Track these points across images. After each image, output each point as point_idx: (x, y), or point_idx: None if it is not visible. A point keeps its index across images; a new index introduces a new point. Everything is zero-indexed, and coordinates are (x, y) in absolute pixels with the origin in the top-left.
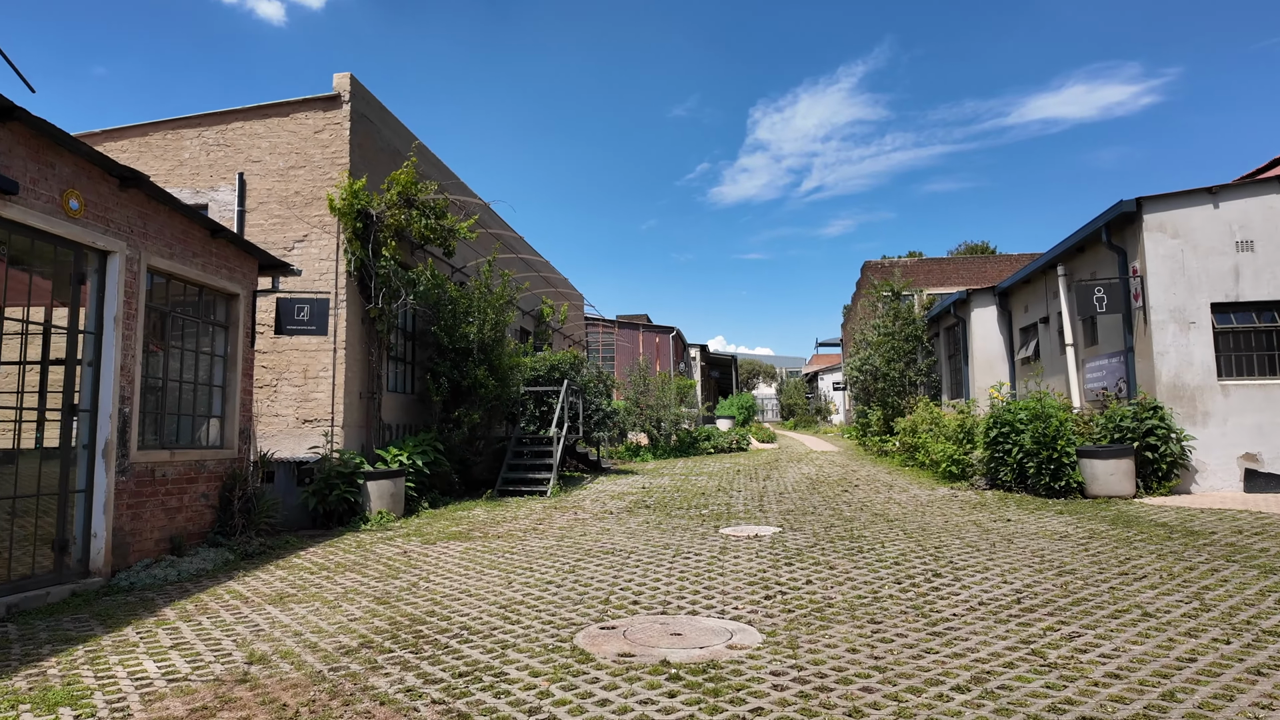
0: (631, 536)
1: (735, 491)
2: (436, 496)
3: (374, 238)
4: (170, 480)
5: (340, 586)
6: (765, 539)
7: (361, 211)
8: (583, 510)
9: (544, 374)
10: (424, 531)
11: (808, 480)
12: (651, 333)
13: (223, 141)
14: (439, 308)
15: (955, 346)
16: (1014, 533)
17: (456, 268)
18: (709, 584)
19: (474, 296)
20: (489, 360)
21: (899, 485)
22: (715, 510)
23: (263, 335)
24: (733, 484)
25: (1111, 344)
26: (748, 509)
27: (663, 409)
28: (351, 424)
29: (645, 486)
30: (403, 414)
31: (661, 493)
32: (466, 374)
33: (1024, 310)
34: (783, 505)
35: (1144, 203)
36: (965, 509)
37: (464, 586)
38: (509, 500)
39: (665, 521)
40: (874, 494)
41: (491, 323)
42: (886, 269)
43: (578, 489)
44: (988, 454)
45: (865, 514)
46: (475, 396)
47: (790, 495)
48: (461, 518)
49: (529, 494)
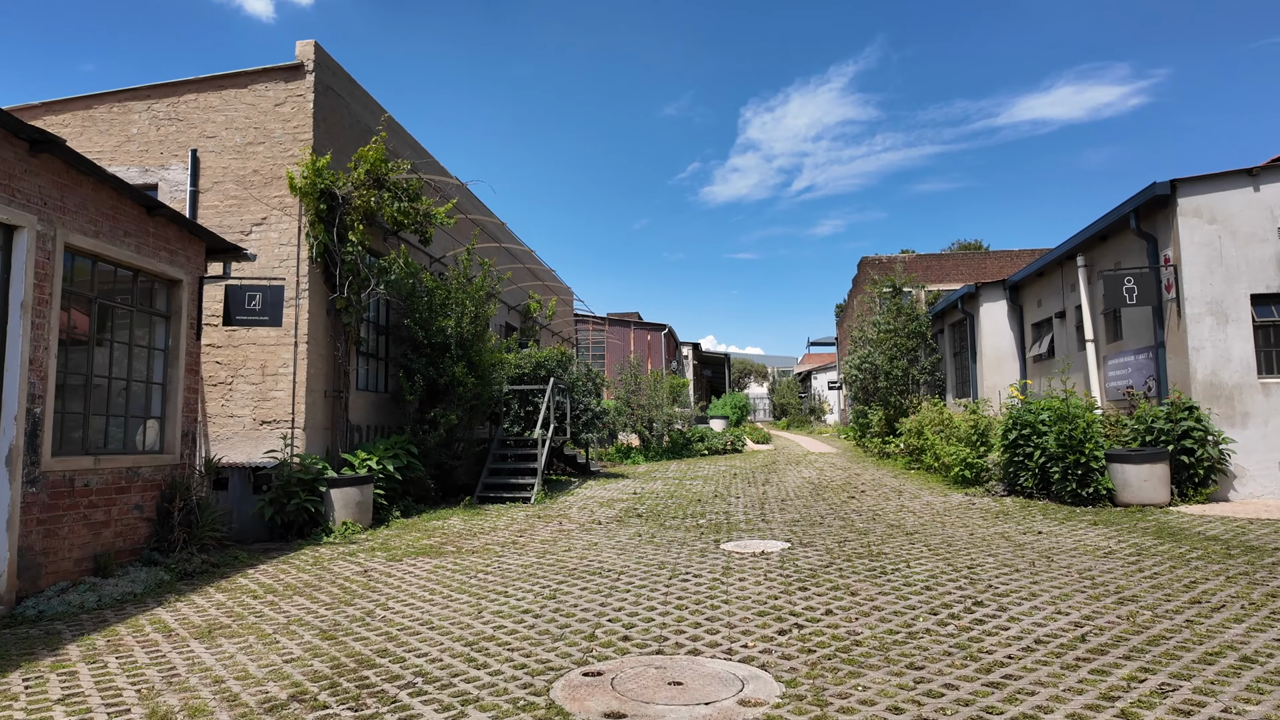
0: (622, 553)
1: (734, 498)
2: (410, 504)
3: (340, 221)
4: (95, 491)
5: (283, 615)
6: (773, 556)
7: (325, 192)
8: (569, 520)
9: (529, 372)
10: (391, 545)
11: (810, 485)
12: (643, 330)
13: (174, 115)
14: (413, 299)
15: (961, 343)
16: (1050, 548)
17: (435, 257)
18: (712, 614)
19: (452, 287)
20: (468, 356)
21: (908, 491)
22: (714, 520)
23: (214, 328)
24: (730, 489)
25: (1139, 339)
26: (749, 518)
27: (655, 409)
28: (314, 425)
29: (637, 492)
30: (374, 414)
31: (654, 499)
32: (443, 371)
33: (1037, 305)
34: (786, 514)
35: (1178, 185)
36: (988, 519)
37: (426, 616)
38: (489, 508)
39: (659, 534)
40: (884, 501)
41: (471, 316)
42: (885, 265)
43: (564, 495)
44: (1006, 457)
45: (879, 525)
46: (453, 395)
47: (793, 502)
48: (435, 529)
49: (511, 501)
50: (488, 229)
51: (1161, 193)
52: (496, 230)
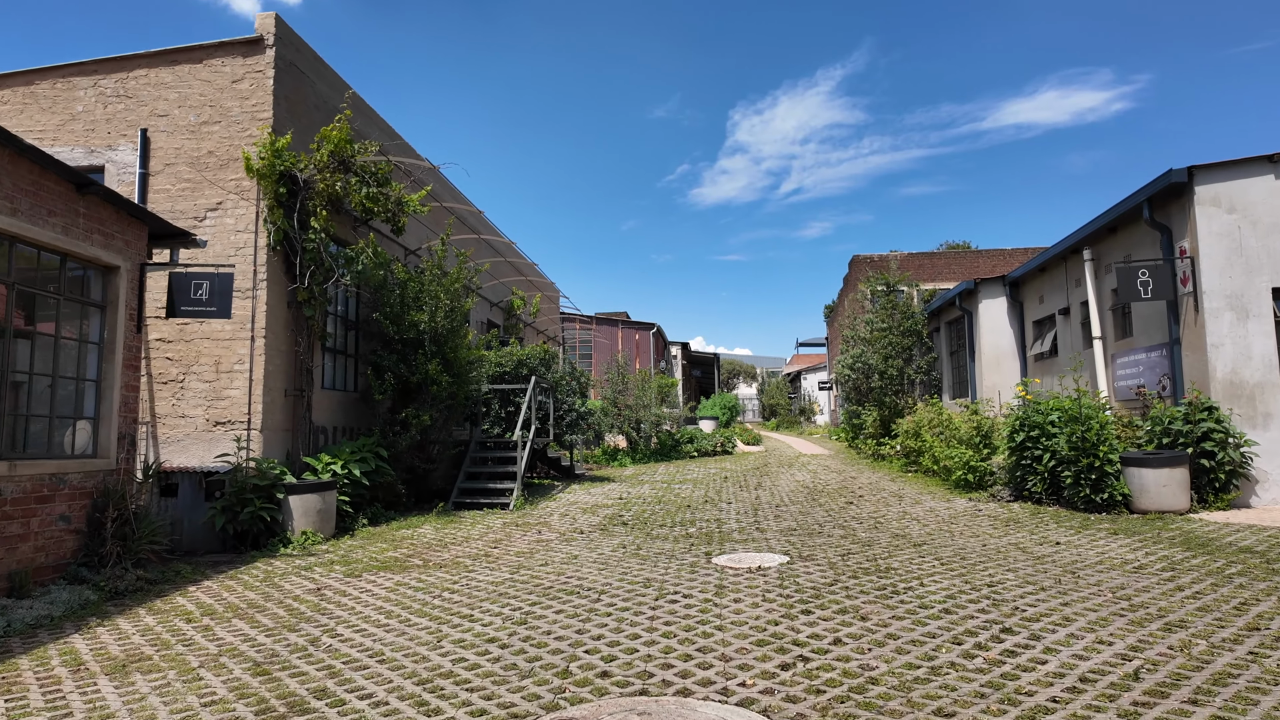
0: (604, 567)
1: (725, 503)
2: (378, 511)
3: (301, 206)
4: (9, 500)
5: (216, 644)
6: (771, 572)
7: (285, 174)
8: (549, 528)
9: (510, 370)
10: (353, 558)
11: (805, 489)
12: (631, 329)
13: (123, 92)
14: (383, 292)
15: (959, 341)
16: (1073, 562)
17: (410, 249)
18: (704, 643)
19: (425, 280)
20: (443, 353)
21: (909, 495)
22: (705, 529)
23: (165, 321)
24: (721, 494)
25: (1150, 335)
26: (742, 527)
27: (642, 409)
28: (273, 427)
29: (623, 497)
30: (342, 415)
31: (641, 505)
32: (416, 369)
33: (1039, 301)
34: (782, 522)
35: (1196, 172)
36: (998, 527)
37: (378, 646)
38: (464, 515)
39: (646, 545)
40: (884, 507)
41: (445, 310)
42: (877, 263)
43: (546, 500)
44: (1012, 461)
45: (883, 534)
46: (426, 395)
47: (788, 508)
48: (403, 539)
49: (489, 507)
50: (465, 218)
51: (1178, 180)
52: (475, 220)
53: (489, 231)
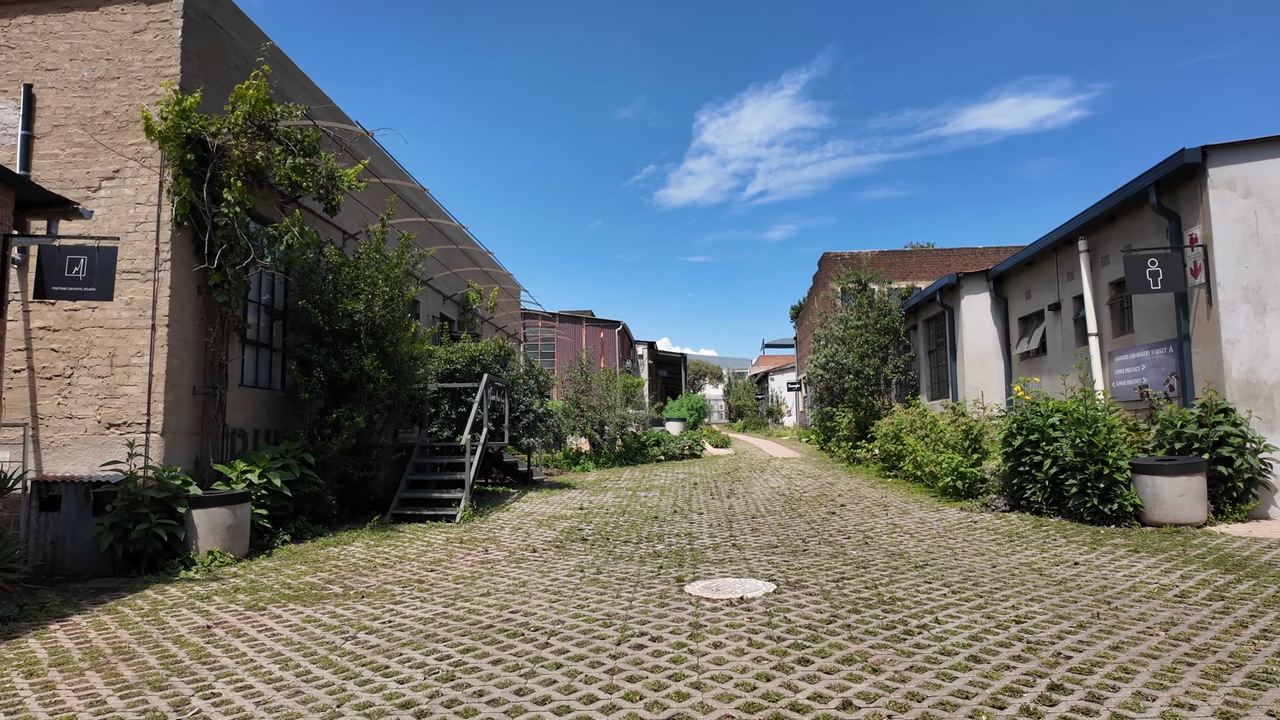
0: (557, 597)
1: (696, 514)
2: (304, 526)
3: (213, 176)
4: None
5: (50, 711)
6: (755, 605)
7: (194, 139)
8: (497, 545)
9: (462, 368)
10: (262, 585)
11: (781, 497)
12: (596, 327)
13: (4, 42)
14: (312, 277)
15: (938, 340)
16: (1102, 588)
17: (349, 233)
18: (678, 709)
19: (361, 264)
20: (381, 347)
21: (894, 505)
22: (675, 546)
23: (50, 306)
24: (691, 503)
25: (1155, 331)
26: (717, 544)
27: (607, 410)
28: (178, 429)
29: (583, 507)
30: (266, 417)
31: (604, 516)
32: (349, 364)
33: (1025, 297)
34: (761, 536)
35: (1210, 152)
36: (1002, 543)
37: (256, 715)
38: (404, 529)
39: (607, 567)
40: (870, 518)
41: (384, 298)
42: (848, 261)
43: (497, 511)
44: (1008, 467)
45: (877, 553)
46: (361, 393)
47: (766, 520)
48: (328, 559)
49: (432, 520)
50: (409, 198)
51: (1191, 160)
52: (423, 203)
53: (437, 214)
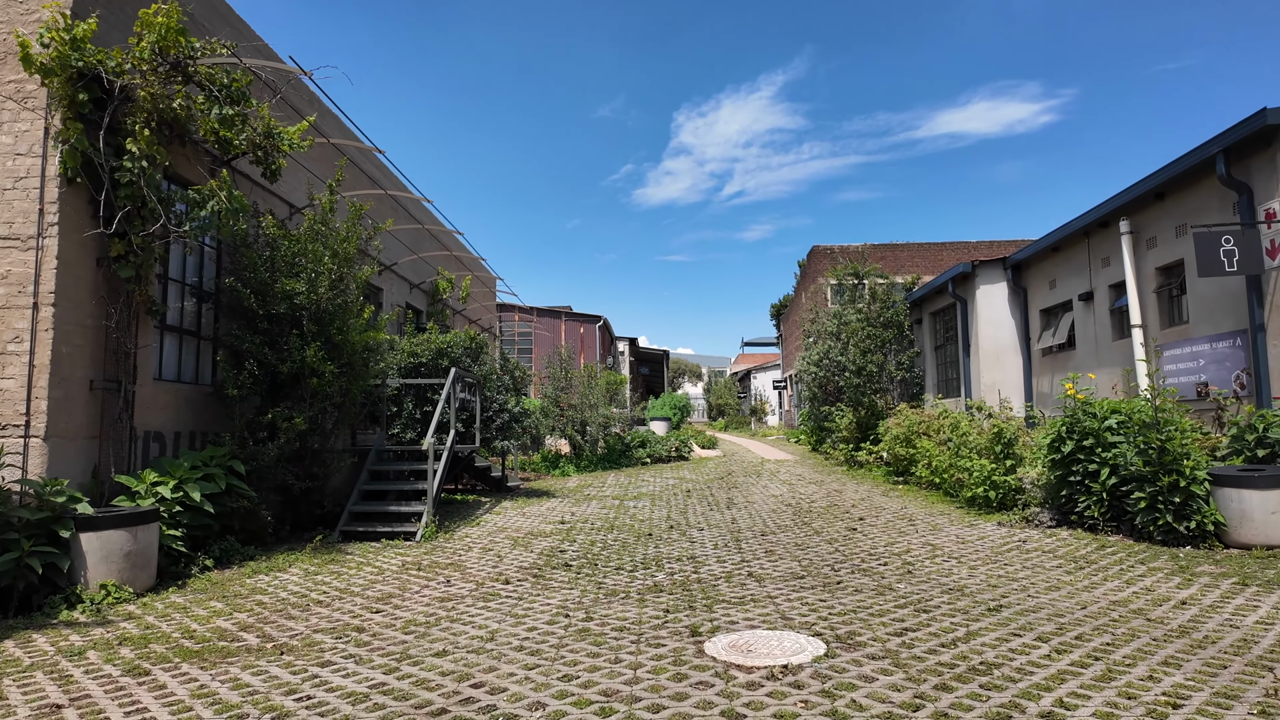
0: (535, 661)
1: (696, 529)
2: (232, 547)
3: (113, 123)
4: None
5: None
6: (806, 677)
7: (88, 76)
8: (462, 573)
9: (428, 361)
10: (158, 633)
11: (788, 507)
12: (575, 322)
13: None
14: (244, 251)
15: (948, 334)
16: (1244, 641)
17: (295, 206)
18: None
19: (303, 237)
20: (326, 335)
21: (918, 517)
22: (678, 574)
23: None
24: (688, 514)
25: (1215, 321)
26: (729, 570)
27: (589, 409)
28: (68, 432)
29: (565, 520)
30: (193, 417)
31: (589, 533)
32: (288, 355)
33: (1049, 287)
34: (780, 561)
35: None
36: (1070, 570)
37: None
38: (353, 550)
39: (600, 609)
40: (899, 535)
41: (331, 278)
42: (838, 254)
43: (465, 525)
44: (1054, 476)
45: (930, 588)
46: (303, 390)
47: (779, 538)
48: (253, 592)
49: (389, 537)
50: (365, 167)
51: (1274, 121)
52: (379, 173)
53: (399, 188)
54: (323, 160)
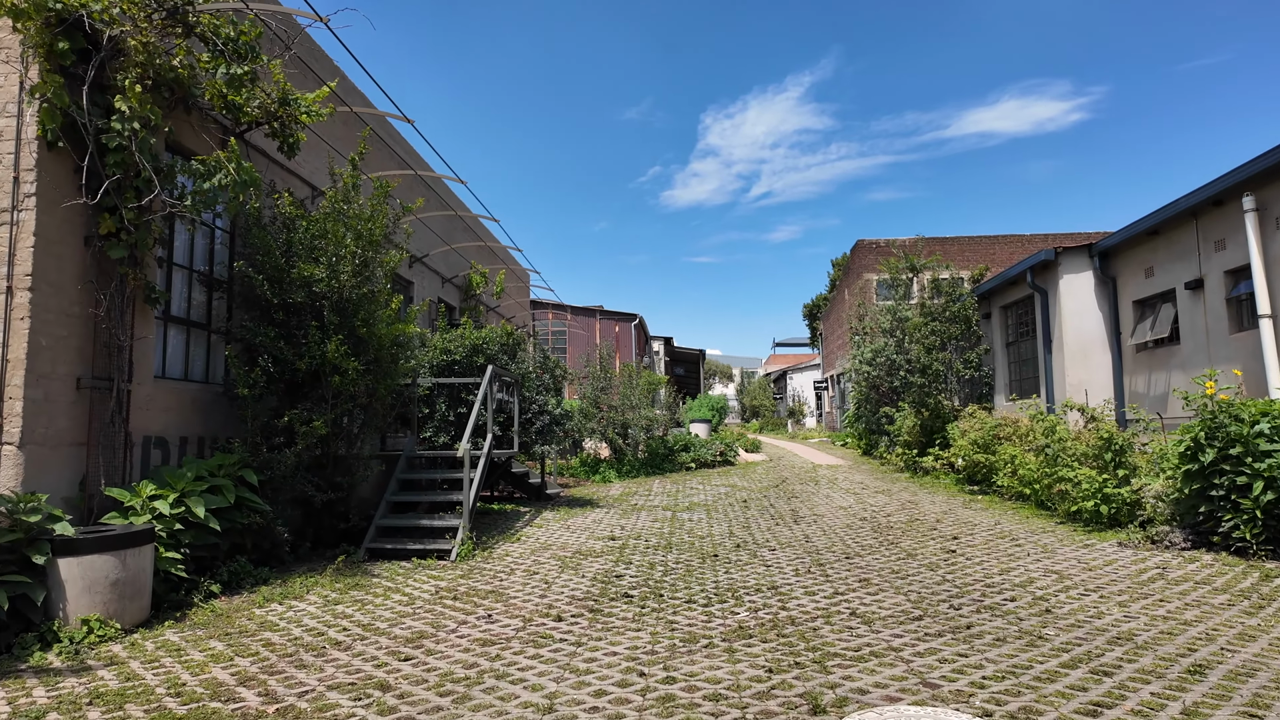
0: None
1: (767, 549)
2: (243, 569)
3: (99, 78)
4: None
5: None
6: None
7: (68, 19)
8: (505, 604)
9: (462, 358)
10: (140, 686)
11: (863, 522)
12: (610, 320)
13: None
14: (257, 232)
15: (1021, 329)
16: None
17: (316, 189)
18: None
19: (323, 218)
20: (350, 327)
21: (1019, 535)
22: (765, 613)
23: None
24: (752, 530)
25: None
26: (825, 608)
27: (630, 410)
28: (49, 439)
29: (615, 536)
30: (201, 421)
31: (645, 552)
32: (306, 350)
33: (1144, 275)
34: (883, 594)
35: None
36: (1248, 610)
37: None
38: (381, 571)
39: (677, 661)
40: (1008, 560)
41: (355, 263)
42: (883, 249)
43: (504, 540)
44: (1191, 489)
45: (1087, 635)
46: (324, 389)
47: (869, 561)
48: (262, 628)
49: (420, 556)
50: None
51: None
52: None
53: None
54: (346, 140)
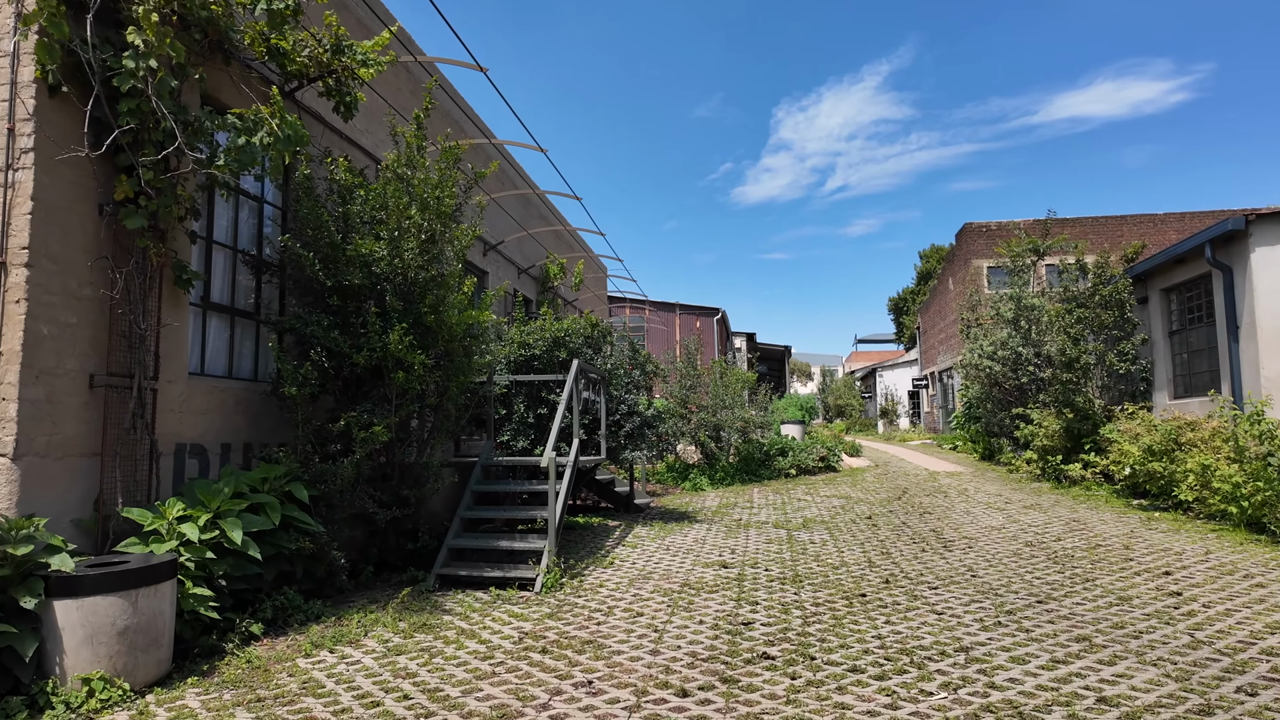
0: None
1: (926, 586)
2: (291, 602)
3: (105, 7)
4: None
5: None
6: None
7: None
8: (608, 661)
9: (543, 353)
10: None
11: (1029, 548)
12: (690, 315)
13: None
14: (306, 203)
15: (1192, 314)
16: None
17: (376, 159)
18: None
19: (384, 188)
20: (416, 314)
21: (1249, 570)
22: (970, 696)
23: None
24: (894, 557)
25: None
26: (1057, 690)
27: (723, 411)
28: (55, 449)
29: (726, 562)
30: (247, 425)
31: (769, 587)
32: (366, 341)
33: None
34: (1123, 667)
35: None
36: None
37: None
38: (453, 606)
39: None
40: (1272, 611)
41: (421, 238)
42: (996, 232)
43: (596, 566)
44: None
45: None
46: (386, 387)
47: (1070, 608)
48: (304, 688)
49: (499, 585)
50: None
51: None
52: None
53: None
54: (410, 107)
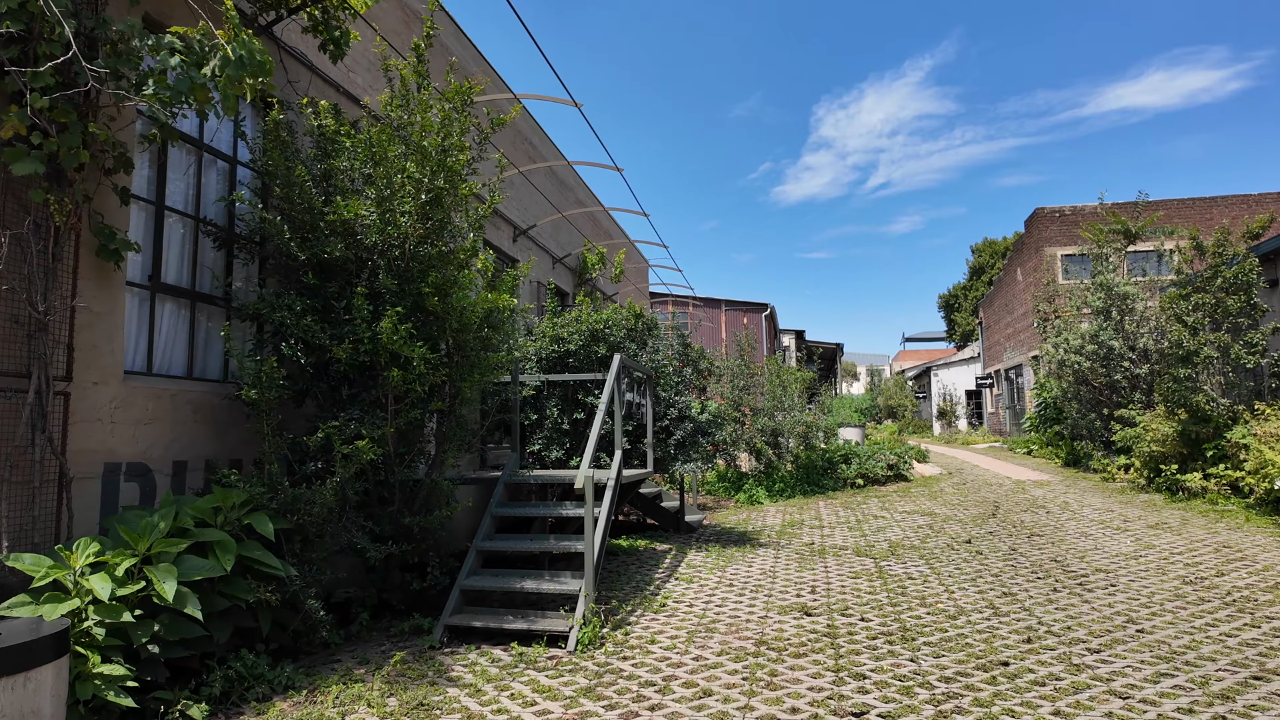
0: None
1: (1083, 647)
2: (252, 668)
3: None
4: None
5: None
6: None
7: None
8: None
9: (579, 347)
10: None
11: (1193, 588)
12: (737, 311)
13: None
14: (274, 154)
15: None
16: None
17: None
18: None
19: (373, 134)
20: (415, 295)
21: None
22: None
23: None
24: (1019, 598)
25: None
26: None
27: (782, 414)
28: None
29: (811, 609)
30: (214, 437)
31: (871, 646)
32: (349, 330)
33: None
34: None
35: None
36: None
37: None
38: (462, 670)
39: None
40: None
41: (421, 199)
42: (1070, 218)
43: (644, 612)
44: None
45: None
46: (378, 389)
47: None
48: None
49: (524, 639)
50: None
51: None
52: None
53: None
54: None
